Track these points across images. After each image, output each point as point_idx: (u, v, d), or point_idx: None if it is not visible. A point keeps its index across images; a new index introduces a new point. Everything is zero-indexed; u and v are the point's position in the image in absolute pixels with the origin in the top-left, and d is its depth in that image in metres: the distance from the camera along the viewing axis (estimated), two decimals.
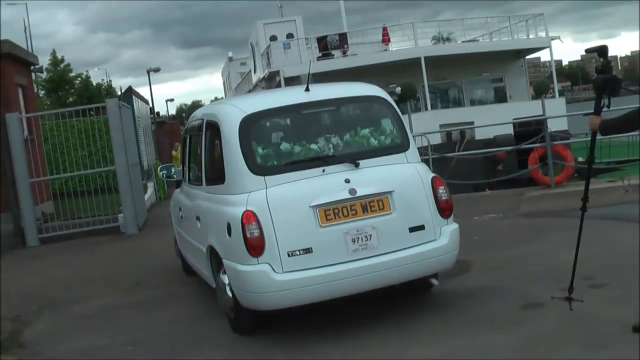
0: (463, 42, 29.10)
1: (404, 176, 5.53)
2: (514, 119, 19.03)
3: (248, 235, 5.08)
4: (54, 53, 39.70)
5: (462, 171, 14.07)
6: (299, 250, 5.08)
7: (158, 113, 43.25)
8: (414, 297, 6.07)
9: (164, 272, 8.60)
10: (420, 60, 24.69)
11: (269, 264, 5.07)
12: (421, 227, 5.38)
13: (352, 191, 5.22)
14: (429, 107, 26.25)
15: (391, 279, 5.36)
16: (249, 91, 38.88)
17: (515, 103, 25.95)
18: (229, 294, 5.55)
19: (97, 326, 6.60)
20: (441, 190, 5.54)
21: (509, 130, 20.03)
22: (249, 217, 5.11)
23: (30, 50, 30.01)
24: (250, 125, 5.57)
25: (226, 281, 5.56)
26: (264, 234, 5.08)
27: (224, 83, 62.52)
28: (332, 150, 5.54)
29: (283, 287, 5.06)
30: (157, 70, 41.31)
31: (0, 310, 7.31)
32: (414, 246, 5.33)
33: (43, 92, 39.23)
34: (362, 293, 5.35)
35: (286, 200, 5.22)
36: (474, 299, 5.86)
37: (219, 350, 5.42)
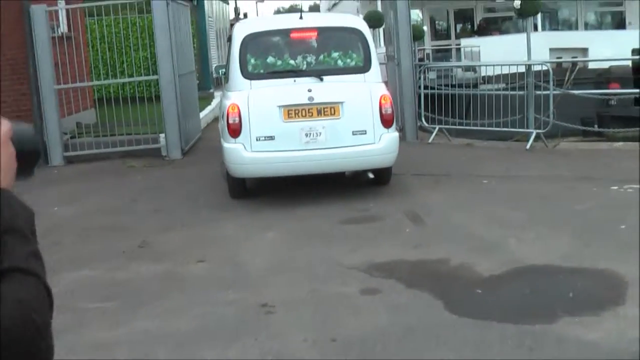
0: None
1: (356, 91, 7.37)
2: (633, 49, 17.31)
3: (230, 121, 7.11)
4: None
5: (570, 105, 12.55)
6: (265, 137, 7.08)
7: (245, 14, 44.59)
8: None
9: (182, 229, 6.76)
10: None
11: (242, 144, 7.10)
12: (363, 132, 7.24)
13: (311, 98, 7.12)
14: (539, 27, 23.39)
15: (333, 168, 7.34)
16: None
17: (634, 31, 21.85)
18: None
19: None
20: (386, 106, 7.35)
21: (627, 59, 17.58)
22: (234, 108, 7.13)
23: None
24: (249, 41, 7.52)
25: None
26: (241, 121, 7.09)
27: None
28: (305, 66, 7.45)
29: (250, 161, 7.12)
30: None
31: None
32: (354, 145, 7.21)
33: None
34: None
35: (261, 99, 7.19)
36: None
37: None
